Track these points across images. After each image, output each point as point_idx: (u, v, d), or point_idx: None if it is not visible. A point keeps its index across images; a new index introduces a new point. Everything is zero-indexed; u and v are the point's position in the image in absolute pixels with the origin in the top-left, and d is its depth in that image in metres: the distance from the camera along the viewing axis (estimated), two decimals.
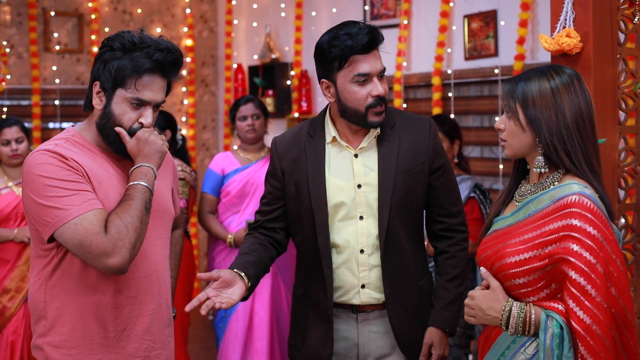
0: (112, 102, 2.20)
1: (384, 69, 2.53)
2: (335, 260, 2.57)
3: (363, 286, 2.56)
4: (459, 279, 2.64)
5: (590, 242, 1.93)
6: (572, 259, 1.93)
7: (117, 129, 2.21)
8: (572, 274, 1.93)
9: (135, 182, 2.14)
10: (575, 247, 1.93)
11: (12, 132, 4.25)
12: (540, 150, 2.08)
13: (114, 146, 2.24)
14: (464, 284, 2.66)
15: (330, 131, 2.60)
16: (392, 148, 2.56)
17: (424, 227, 2.73)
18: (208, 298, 2.33)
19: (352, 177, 2.56)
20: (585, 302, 1.91)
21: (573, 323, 1.92)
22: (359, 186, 2.55)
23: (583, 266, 1.92)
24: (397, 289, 2.56)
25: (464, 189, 3.83)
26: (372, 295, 2.56)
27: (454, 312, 2.61)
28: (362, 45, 2.44)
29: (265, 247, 2.65)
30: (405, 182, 2.54)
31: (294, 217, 2.64)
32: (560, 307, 1.96)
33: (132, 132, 2.22)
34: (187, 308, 2.28)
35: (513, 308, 2.01)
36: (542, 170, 2.09)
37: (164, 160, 2.46)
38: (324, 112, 2.66)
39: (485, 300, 2.06)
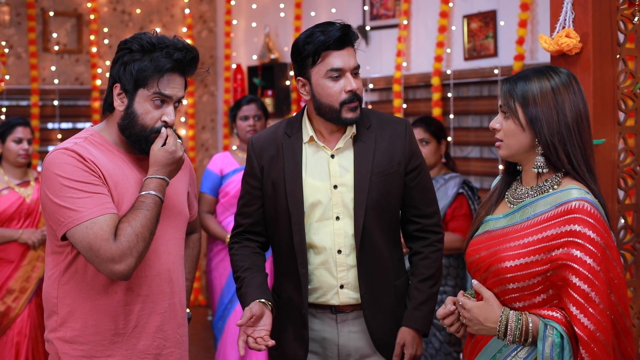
0: (134, 103, 2.24)
1: (358, 66, 2.55)
2: (314, 261, 2.57)
3: (342, 286, 2.56)
4: (432, 280, 2.64)
5: (593, 249, 1.92)
6: (575, 265, 1.92)
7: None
8: (575, 281, 1.91)
9: (152, 193, 2.18)
10: (578, 254, 1.92)
11: (25, 132, 4.32)
12: (539, 150, 2.06)
13: (136, 145, 2.27)
14: (437, 284, 2.66)
15: (307, 131, 2.61)
16: (368, 149, 2.57)
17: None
18: (248, 337, 2.41)
19: (328, 178, 2.57)
20: (589, 309, 1.90)
21: (577, 330, 1.90)
22: (335, 187, 2.56)
23: (587, 273, 1.91)
24: (373, 289, 2.57)
25: (453, 185, 3.87)
26: (350, 295, 2.57)
27: (426, 313, 2.61)
28: (335, 39, 2.48)
29: (259, 255, 2.69)
30: (380, 183, 2.55)
31: (271, 216, 2.64)
32: (559, 315, 1.94)
33: (155, 131, 2.25)
34: (242, 352, 2.37)
35: (509, 317, 1.99)
36: (542, 170, 2.07)
37: (183, 165, 2.49)
38: (301, 112, 2.67)
39: (481, 311, 2.04)
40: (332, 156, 2.58)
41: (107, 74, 2.35)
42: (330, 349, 2.61)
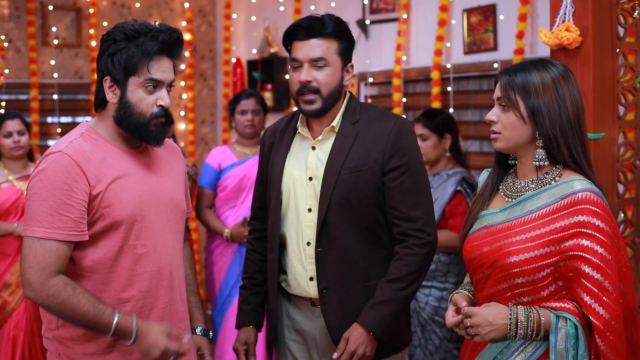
0: (127, 92, 2.23)
1: (321, 58, 2.51)
2: (288, 251, 2.60)
3: (311, 279, 2.56)
4: (401, 282, 2.49)
5: (603, 238, 1.93)
6: (587, 255, 1.92)
7: None
8: (588, 270, 1.91)
9: (113, 322, 2.14)
10: (588, 244, 1.92)
11: (14, 125, 4.31)
12: (540, 143, 2.04)
13: (136, 134, 2.26)
14: (407, 289, 2.50)
15: (299, 121, 2.64)
16: (346, 143, 2.55)
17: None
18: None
19: (305, 169, 2.58)
20: (604, 298, 1.90)
21: (593, 319, 1.90)
22: (310, 179, 2.57)
23: (599, 262, 1.91)
24: (334, 284, 2.52)
25: (452, 183, 3.82)
26: None
27: (382, 314, 2.48)
28: (295, 30, 2.52)
29: (265, 260, 2.71)
30: (350, 179, 2.51)
31: (268, 202, 2.71)
32: (570, 306, 1.94)
33: (153, 117, 2.24)
34: None
35: (519, 313, 1.97)
36: (543, 163, 2.06)
37: (178, 158, 2.50)
38: None
39: (489, 312, 2.00)
40: (313, 148, 2.59)
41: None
42: (310, 341, 2.63)
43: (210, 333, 2.58)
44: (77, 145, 2.20)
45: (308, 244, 2.55)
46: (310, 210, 2.55)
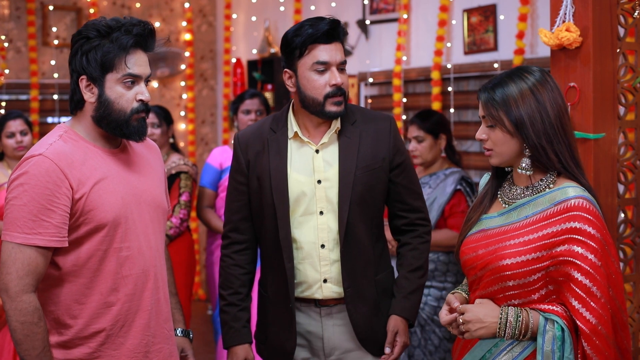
0: (105, 89, 2.19)
1: (345, 62, 2.57)
2: (297, 256, 2.58)
3: (325, 280, 2.57)
4: (421, 270, 2.67)
5: (593, 244, 1.95)
6: (577, 261, 1.95)
7: None
8: (577, 276, 1.94)
9: None
10: (579, 250, 1.95)
11: (16, 125, 4.33)
12: (527, 152, 2.07)
13: (117, 131, 2.22)
14: (425, 276, 2.69)
15: (292, 126, 2.62)
16: (353, 144, 2.58)
17: (388, 223, 2.76)
18: None
19: (312, 173, 2.58)
20: (591, 303, 1.93)
21: (579, 324, 1.93)
22: (319, 182, 2.57)
23: (588, 268, 1.94)
24: (356, 282, 2.57)
25: (451, 182, 3.83)
26: (334, 289, 2.58)
27: (414, 302, 2.65)
28: (322, 33, 2.49)
29: (248, 274, 2.70)
30: (365, 178, 2.56)
31: (256, 211, 2.65)
32: (559, 309, 1.97)
33: (134, 112, 2.20)
34: None
35: (509, 313, 2.00)
36: (528, 173, 2.08)
37: (157, 156, 2.47)
38: (286, 107, 2.69)
39: (481, 309, 2.05)
40: (317, 151, 2.59)
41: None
42: (315, 342, 2.63)
43: (191, 334, 2.56)
44: (58, 148, 2.15)
45: (322, 246, 2.56)
46: (321, 213, 2.56)
